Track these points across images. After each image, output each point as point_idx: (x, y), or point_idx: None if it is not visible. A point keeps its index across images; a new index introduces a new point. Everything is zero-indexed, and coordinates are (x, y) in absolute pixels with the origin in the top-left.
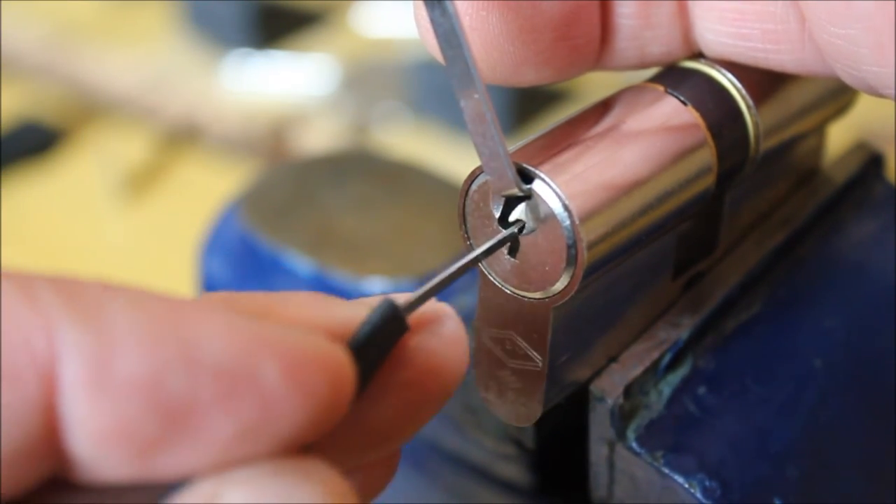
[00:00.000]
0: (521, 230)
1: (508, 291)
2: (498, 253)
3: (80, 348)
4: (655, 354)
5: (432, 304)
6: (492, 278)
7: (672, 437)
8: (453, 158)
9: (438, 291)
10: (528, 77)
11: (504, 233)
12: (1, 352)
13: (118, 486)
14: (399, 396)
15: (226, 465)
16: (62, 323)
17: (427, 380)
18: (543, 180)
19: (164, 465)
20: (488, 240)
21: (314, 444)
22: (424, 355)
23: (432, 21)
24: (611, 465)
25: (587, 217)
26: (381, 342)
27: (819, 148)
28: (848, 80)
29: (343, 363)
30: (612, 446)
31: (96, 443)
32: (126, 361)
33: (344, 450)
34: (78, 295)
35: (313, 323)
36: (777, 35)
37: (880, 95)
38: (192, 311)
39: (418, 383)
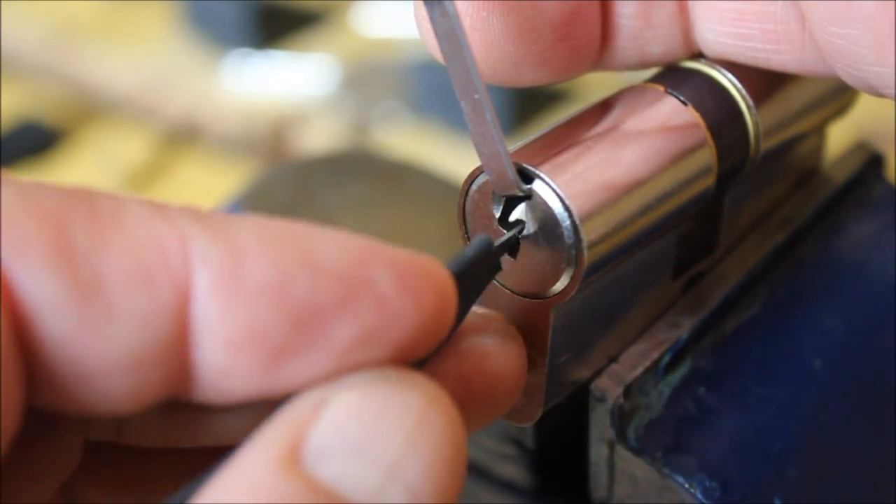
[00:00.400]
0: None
1: (508, 291)
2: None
3: (211, 257)
4: (655, 354)
5: (495, 316)
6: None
7: (672, 437)
8: (453, 158)
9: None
10: (529, 77)
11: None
12: (138, 256)
13: (236, 406)
14: (451, 387)
15: (346, 372)
16: (194, 235)
17: (480, 380)
18: (543, 180)
19: (290, 374)
20: None
21: None
22: (480, 355)
23: (432, 21)
24: (611, 465)
25: (587, 217)
26: (476, 276)
27: (819, 148)
28: (848, 80)
29: (446, 277)
30: (612, 446)
31: (228, 349)
32: (254, 268)
33: None
34: (203, 214)
35: None
36: (777, 35)
37: (881, 95)
38: (308, 227)
39: (471, 380)
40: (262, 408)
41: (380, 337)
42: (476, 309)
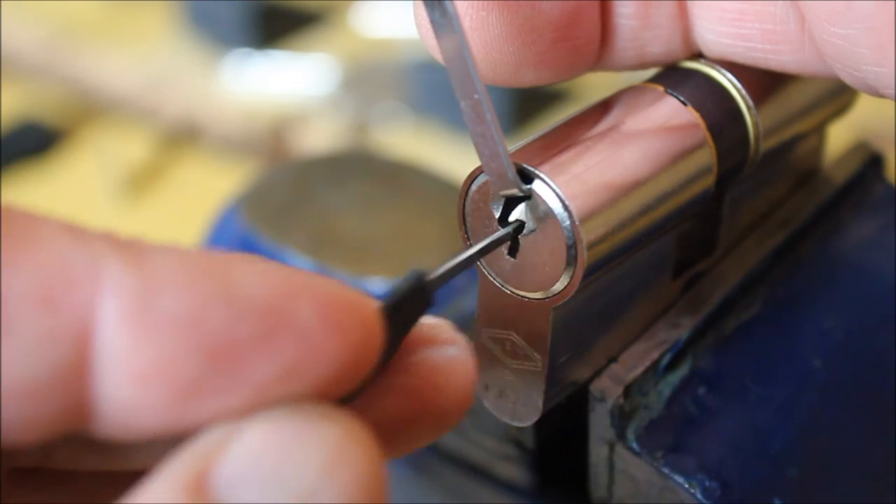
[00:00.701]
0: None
1: (508, 291)
2: (498, 253)
3: (123, 285)
4: (655, 354)
5: (443, 327)
6: (492, 278)
7: (672, 438)
8: (453, 158)
9: (461, 272)
10: (528, 78)
11: (508, 228)
12: (39, 277)
13: (139, 442)
14: (399, 402)
15: (264, 408)
16: (107, 261)
17: (429, 394)
18: (543, 180)
19: (204, 409)
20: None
21: None
22: (428, 369)
23: (432, 21)
24: (611, 465)
25: (587, 217)
26: (408, 311)
27: (819, 148)
28: (848, 80)
29: (373, 312)
30: (612, 446)
31: (135, 382)
32: (167, 299)
33: None
34: (122, 239)
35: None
36: (777, 35)
37: (880, 95)
38: (229, 257)
39: (420, 394)
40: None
41: (300, 373)
42: (425, 319)
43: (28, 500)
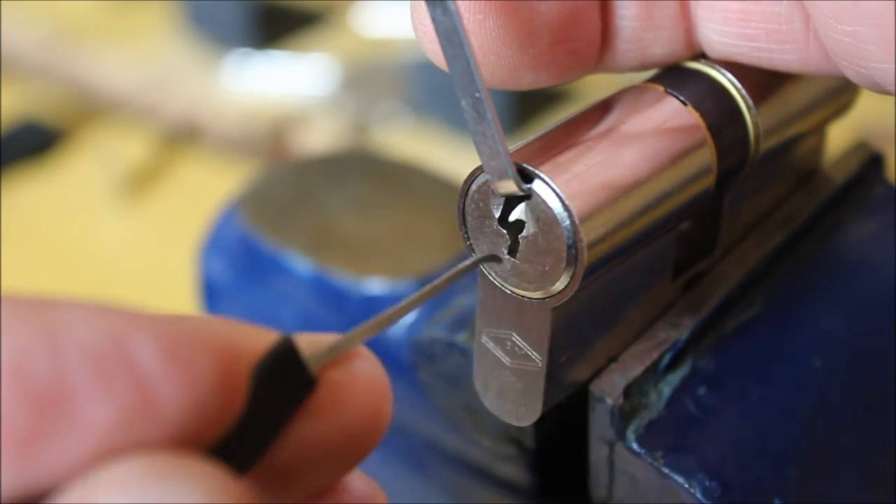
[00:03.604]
0: (491, 257)
1: (508, 291)
2: (499, 252)
3: None
4: (655, 354)
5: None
6: (491, 278)
7: (672, 438)
8: (453, 158)
9: (364, 339)
10: (527, 80)
11: (464, 263)
12: None
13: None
14: (307, 428)
15: (113, 454)
16: None
17: (338, 415)
18: (543, 180)
19: (46, 461)
20: (488, 240)
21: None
22: (333, 388)
23: (433, 20)
24: (611, 465)
25: (587, 217)
26: (283, 387)
27: (819, 148)
28: (854, 78)
29: (229, 342)
30: (612, 446)
31: None
32: None
33: (273, 478)
34: None
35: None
36: (782, 35)
37: (887, 93)
38: (57, 302)
39: (328, 417)
40: None
41: (144, 415)
42: (309, 338)
43: None
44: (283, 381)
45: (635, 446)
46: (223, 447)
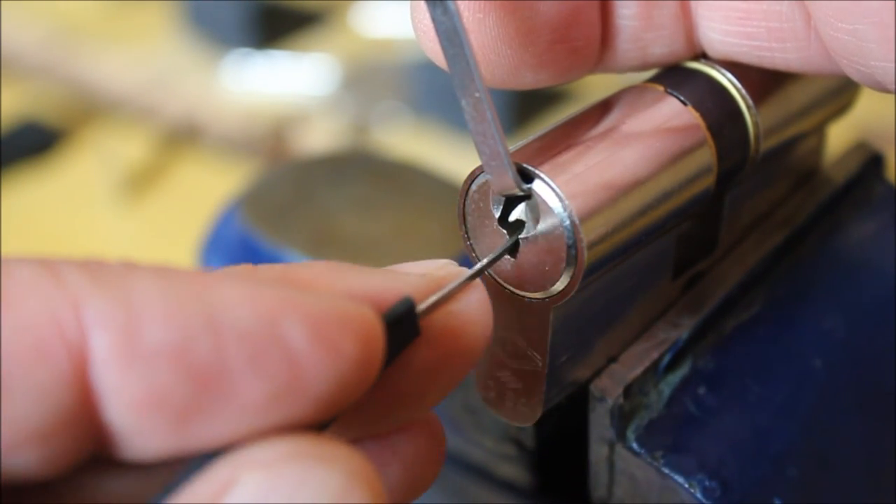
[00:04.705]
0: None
1: (508, 291)
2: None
3: (107, 320)
4: (655, 354)
5: (453, 269)
6: (492, 278)
7: (672, 437)
8: (453, 158)
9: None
10: (527, 80)
11: (509, 241)
12: (30, 330)
13: (159, 463)
14: (420, 355)
15: (262, 431)
16: (88, 297)
17: (449, 339)
18: (543, 180)
19: (202, 434)
20: (488, 239)
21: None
22: (445, 314)
23: (434, 19)
24: (611, 465)
25: (587, 217)
26: (394, 339)
27: (819, 148)
28: (855, 77)
29: (371, 322)
30: (612, 446)
31: (133, 412)
32: (152, 330)
33: (368, 413)
34: (101, 272)
35: (334, 290)
36: (783, 33)
37: (887, 91)
38: (213, 280)
39: (439, 342)
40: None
41: (294, 394)
42: (412, 269)
43: None
44: (395, 336)
45: (635, 446)
46: None
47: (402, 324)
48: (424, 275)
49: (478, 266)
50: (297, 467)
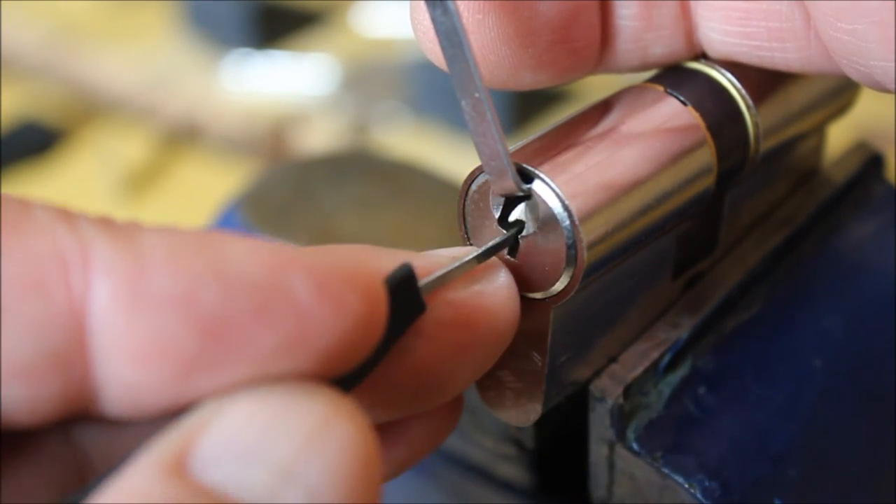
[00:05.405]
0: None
1: None
2: (498, 253)
3: (114, 267)
4: (655, 354)
5: (462, 249)
6: None
7: (672, 438)
8: (453, 158)
9: (458, 275)
10: (526, 80)
11: (511, 232)
12: (34, 265)
13: (145, 419)
14: (447, 337)
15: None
16: (98, 244)
17: (476, 321)
18: (543, 180)
19: (205, 385)
20: (488, 239)
21: (367, 391)
22: (472, 296)
23: (433, 20)
24: (611, 465)
25: (587, 217)
26: (398, 312)
27: (819, 148)
28: (854, 76)
29: (374, 281)
30: (612, 446)
31: (135, 361)
32: (160, 278)
33: (399, 396)
34: (112, 223)
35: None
36: (783, 33)
37: (887, 90)
38: (222, 236)
39: (466, 324)
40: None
41: (299, 346)
42: (448, 253)
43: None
44: (399, 302)
45: (635, 446)
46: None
47: (404, 290)
48: (426, 255)
49: (489, 244)
50: (281, 397)
